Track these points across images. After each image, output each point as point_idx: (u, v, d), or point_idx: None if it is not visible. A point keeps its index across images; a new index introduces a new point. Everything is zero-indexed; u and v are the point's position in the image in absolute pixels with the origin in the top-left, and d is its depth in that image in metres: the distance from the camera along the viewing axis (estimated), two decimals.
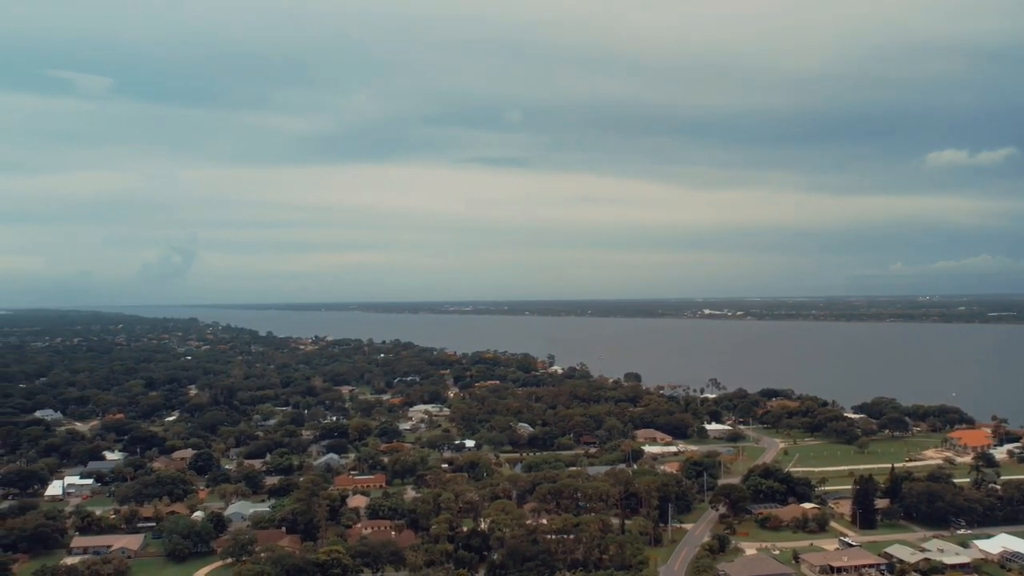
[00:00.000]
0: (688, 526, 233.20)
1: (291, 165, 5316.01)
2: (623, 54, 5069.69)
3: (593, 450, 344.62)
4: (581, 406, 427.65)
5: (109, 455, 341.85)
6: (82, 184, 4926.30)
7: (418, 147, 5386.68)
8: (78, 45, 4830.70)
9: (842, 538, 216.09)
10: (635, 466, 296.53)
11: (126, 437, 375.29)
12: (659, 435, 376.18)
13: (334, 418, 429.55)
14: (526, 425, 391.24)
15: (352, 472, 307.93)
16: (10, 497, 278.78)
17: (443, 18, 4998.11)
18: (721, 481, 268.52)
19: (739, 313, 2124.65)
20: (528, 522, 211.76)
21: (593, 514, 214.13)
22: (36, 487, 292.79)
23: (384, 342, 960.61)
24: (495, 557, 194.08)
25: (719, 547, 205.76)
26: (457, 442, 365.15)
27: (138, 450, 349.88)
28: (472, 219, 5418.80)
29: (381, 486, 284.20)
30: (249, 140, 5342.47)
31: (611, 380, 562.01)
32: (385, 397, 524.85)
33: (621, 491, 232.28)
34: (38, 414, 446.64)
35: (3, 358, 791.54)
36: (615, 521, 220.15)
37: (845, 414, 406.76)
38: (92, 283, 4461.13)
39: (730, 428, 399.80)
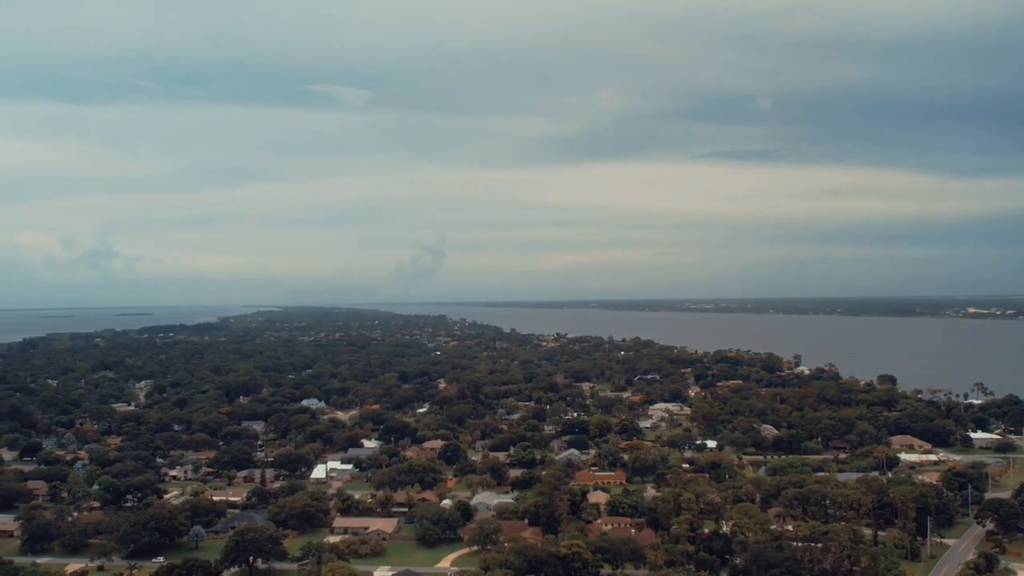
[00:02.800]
0: (950, 542, 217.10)
1: (535, 166, 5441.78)
2: (879, 37, 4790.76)
3: (843, 455, 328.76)
4: (830, 408, 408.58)
5: (366, 443, 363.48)
6: (341, 190, 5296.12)
7: (659, 144, 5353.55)
8: (337, 61, 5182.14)
9: None
10: (889, 474, 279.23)
11: (381, 427, 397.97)
12: (916, 442, 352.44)
13: (575, 414, 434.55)
14: (770, 427, 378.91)
15: (593, 468, 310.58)
16: (281, 478, 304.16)
17: (688, 12, 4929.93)
18: (988, 495, 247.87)
19: (1009, 312, 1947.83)
20: (773, 527, 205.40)
21: (843, 523, 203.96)
22: (303, 470, 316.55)
23: (624, 339, 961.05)
24: (738, 561, 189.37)
25: (986, 566, 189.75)
26: (698, 442, 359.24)
27: (392, 439, 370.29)
28: (714, 215, 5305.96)
29: (621, 483, 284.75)
30: (495, 143, 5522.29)
31: (863, 382, 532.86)
32: (625, 394, 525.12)
33: (874, 500, 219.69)
34: (305, 403, 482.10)
35: (275, 351, 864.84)
36: (867, 531, 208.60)
37: None
38: (351, 282, 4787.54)
39: (999, 437, 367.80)
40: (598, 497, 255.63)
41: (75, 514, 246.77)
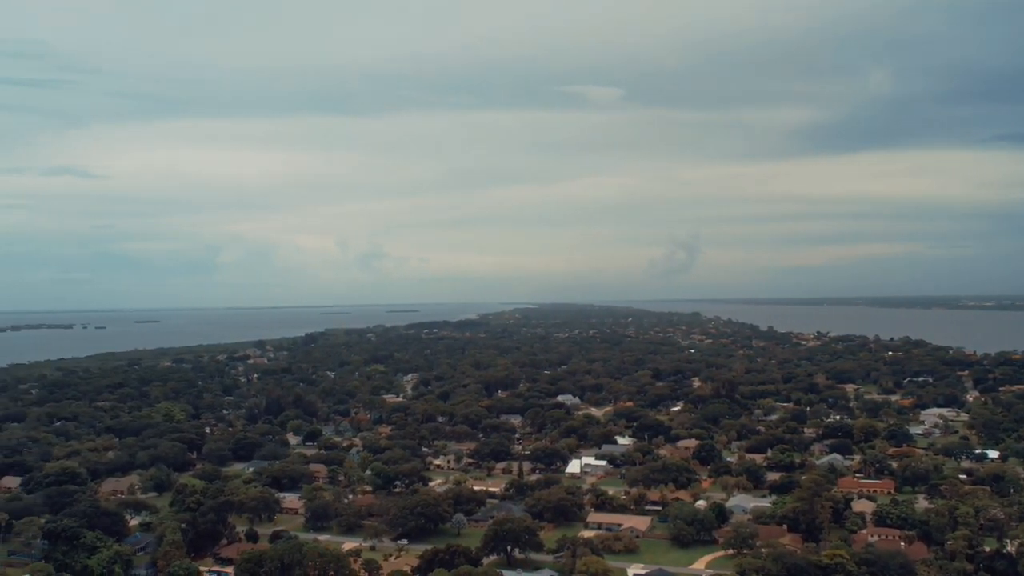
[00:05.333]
0: None
1: (795, 157, 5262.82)
2: None
3: None
4: None
5: (620, 440, 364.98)
6: (595, 189, 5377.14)
7: (935, 129, 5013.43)
8: (589, 61, 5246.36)
9: None
10: None
11: (635, 424, 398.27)
12: None
13: (837, 417, 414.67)
14: None
15: (857, 475, 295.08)
16: (537, 471, 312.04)
17: None
18: None
19: None
20: None
21: None
22: (558, 464, 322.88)
23: (892, 339, 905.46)
24: None
25: None
26: (978, 451, 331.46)
27: (646, 437, 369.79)
28: (997, 204, 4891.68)
29: (889, 492, 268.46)
30: (752, 136, 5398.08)
31: None
32: (894, 398, 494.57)
33: None
34: (560, 398, 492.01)
35: (531, 348, 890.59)
36: None
37: None
38: (604, 279, 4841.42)
39: None
40: (863, 506, 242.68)
41: (350, 496, 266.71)
